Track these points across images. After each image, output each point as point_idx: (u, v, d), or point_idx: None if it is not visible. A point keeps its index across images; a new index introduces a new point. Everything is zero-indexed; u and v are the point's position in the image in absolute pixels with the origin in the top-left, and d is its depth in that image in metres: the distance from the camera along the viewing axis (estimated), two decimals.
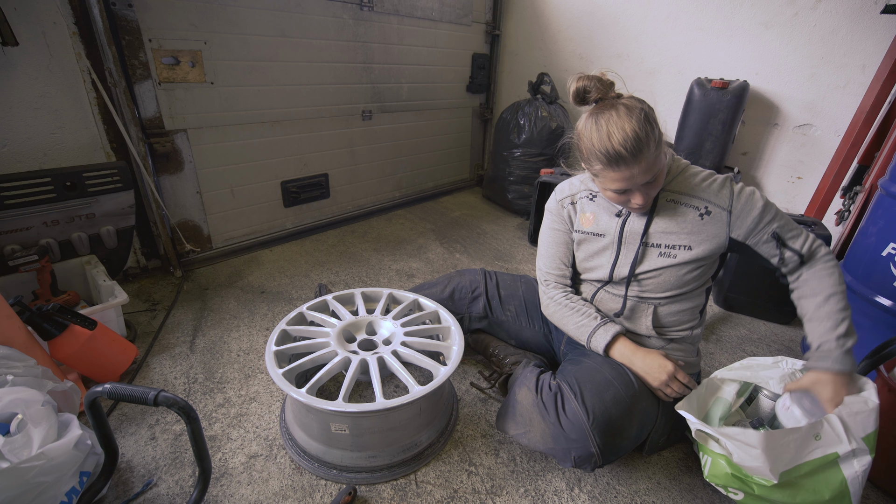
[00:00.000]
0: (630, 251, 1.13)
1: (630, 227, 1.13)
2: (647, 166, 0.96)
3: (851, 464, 0.94)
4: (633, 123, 0.92)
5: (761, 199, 1.06)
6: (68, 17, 1.60)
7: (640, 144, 0.92)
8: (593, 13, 2.85)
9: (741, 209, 1.05)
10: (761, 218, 1.04)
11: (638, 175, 0.97)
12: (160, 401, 0.86)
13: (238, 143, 2.20)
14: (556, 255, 1.27)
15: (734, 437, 0.98)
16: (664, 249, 1.10)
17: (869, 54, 2.03)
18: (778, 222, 1.05)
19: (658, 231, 1.10)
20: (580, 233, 1.22)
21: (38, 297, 1.56)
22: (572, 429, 1.02)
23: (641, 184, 0.99)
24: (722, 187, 1.07)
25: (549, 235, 1.28)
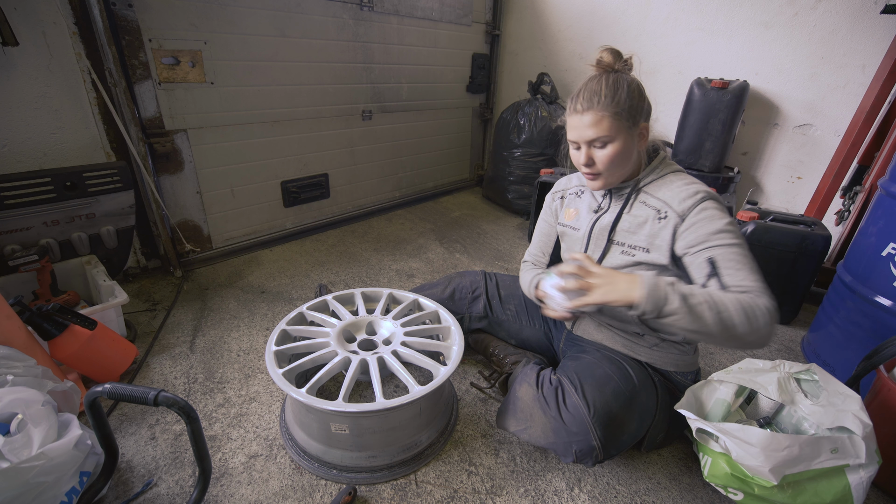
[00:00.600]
0: (598, 247, 1.16)
1: (601, 223, 1.15)
2: (595, 121, 0.99)
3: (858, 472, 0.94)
4: (603, 84, 1.00)
5: (726, 222, 0.96)
6: (68, 17, 1.60)
7: (595, 98, 0.99)
8: (593, 13, 2.85)
9: (694, 220, 0.98)
10: (710, 238, 0.95)
11: (584, 127, 1.01)
12: (160, 401, 0.86)
13: (238, 143, 2.20)
14: (538, 243, 1.40)
15: (733, 434, 0.98)
16: (626, 248, 1.10)
17: (869, 54, 2.03)
18: (726, 252, 0.93)
19: (623, 229, 1.11)
20: (561, 225, 1.29)
21: (38, 297, 1.56)
22: (573, 422, 1.03)
23: (587, 140, 1.02)
24: (690, 196, 1.00)
25: (540, 226, 1.40)
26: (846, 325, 1.55)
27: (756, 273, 0.93)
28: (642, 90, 1.04)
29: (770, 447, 0.93)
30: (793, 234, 1.80)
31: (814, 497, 0.95)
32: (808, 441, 0.93)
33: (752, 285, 0.91)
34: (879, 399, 1.17)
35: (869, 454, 0.93)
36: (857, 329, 1.50)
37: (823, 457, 0.94)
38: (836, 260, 2.14)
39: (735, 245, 0.94)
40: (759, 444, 0.93)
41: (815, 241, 1.78)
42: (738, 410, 1.21)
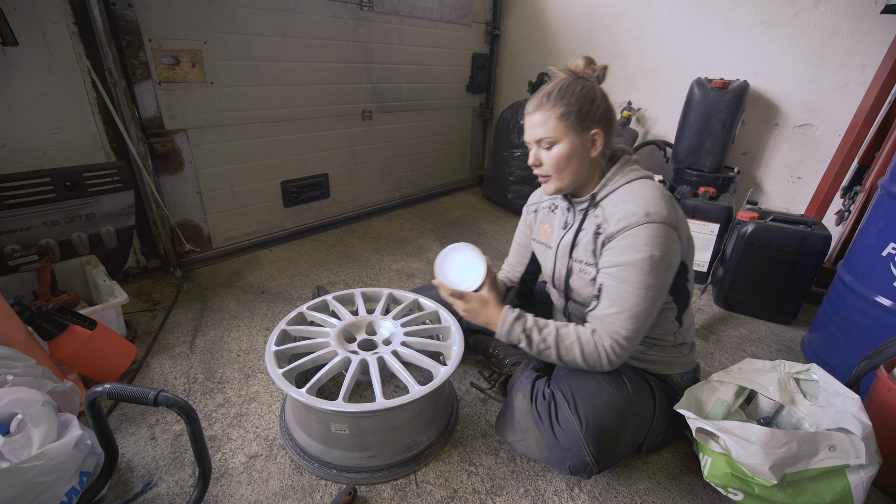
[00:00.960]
0: (563, 265, 1.15)
1: (564, 240, 1.13)
2: (542, 121, 1.01)
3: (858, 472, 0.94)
4: (556, 86, 1.01)
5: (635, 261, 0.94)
6: (68, 17, 1.60)
7: (544, 98, 1.01)
8: (593, 13, 2.85)
9: (612, 246, 0.98)
10: (615, 266, 0.97)
11: (532, 127, 1.04)
12: (160, 401, 0.86)
13: (238, 143, 2.20)
14: (514, 253, 1.43)
15: (733, 433, 0.98)
16: (583, 266, 1.09)
17: (869, 54, 2.03)
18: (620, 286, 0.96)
19: (580, 247, 1.09)
20: (535, 241, 1.28)
21: (38, 297, 1.56)
22: (566, 438, 1.02)
23: (535, 140, 1.04)
24: (625, 218, 0.96)
25: (516, 235, 1.43)
26: (846, 325, 1.55)
27: (630, 317, 0.96)
28: (597, 97, 1.02)
29: (769, 444, 0.93)
30: (793, 234, 1.80)
31: (814, 497, 0.95)
32: (806, 437, 0.93)
33: (611, 325, 0.98)
34: (879, 399, 1.17)
35: (869, 454, 0.93)
36: (857, 329, 1.50)
37: (822, 455, 0.94)
38: (836, 260, 2.14)
39: (630, 283, 0.95)
40: (759, 441, 0.93)
41: (816, 241, 1.78)
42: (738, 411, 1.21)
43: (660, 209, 0.95)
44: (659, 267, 0.94)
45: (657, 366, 1.17)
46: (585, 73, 1.04)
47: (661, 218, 0.94)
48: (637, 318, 0.96)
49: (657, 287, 0.95)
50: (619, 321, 0.97)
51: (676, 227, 0.96)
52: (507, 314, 1.08)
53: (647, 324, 0.98)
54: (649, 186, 1.01)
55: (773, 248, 1.84)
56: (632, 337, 0.98)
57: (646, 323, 0.98)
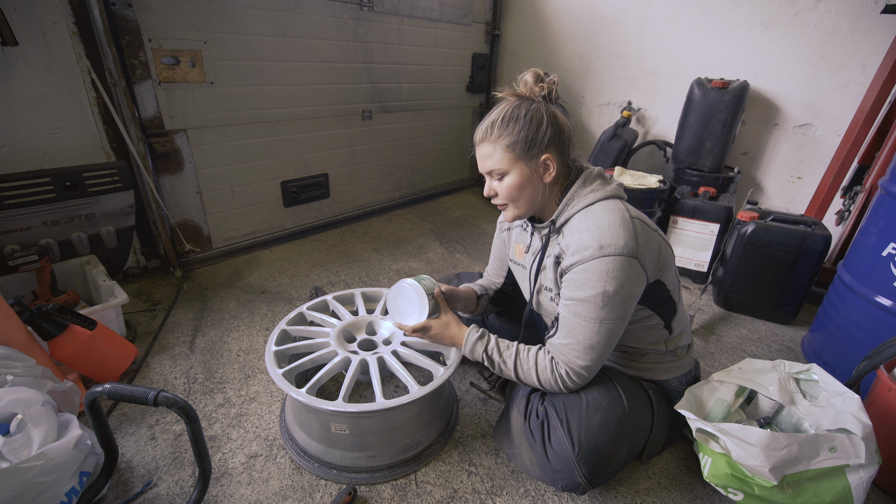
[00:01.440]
0: (534, 288, 1.13)
1: (534, 265, 1.10)
2: (489, 153, 0.98)
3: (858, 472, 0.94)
4: (500, 114, 0.96)
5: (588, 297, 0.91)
6: (68, 17, 1.60)
7: (489, 131, 0.97)
8: (593, 13, 2.85)
9: (568, 279, 0.95)
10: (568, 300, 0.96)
11: (481, 159, 1.01)
12: (160, 401, 0.86)
13: (238, 143, 2.20)
14: (493, 265, 1.41)
15: (733, 435, 0.98)
16: (546, 292, 1.08)
17: (869, 54, 2.03)
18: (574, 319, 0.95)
19: (543, 273, 1.07)
20: (511, 261, 1.26)
21: (38, 297, 1.56)
22: (557, 460, 1.01)
23: (486, 171, 1.01)
24: (580, 251, 0.92)
25: (494, 245, 1.39)
26: (846, 325, 1.55)
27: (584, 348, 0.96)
28: (544, 120, 0.94)
29: (770, 447, 0.93)
30: (793, 234, 1.80)
31: (814, 497, 0.95)
32: (806, 440, 0.93)
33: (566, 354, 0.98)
34: (879, 399, 1.17)
35: (869, 454, 0.93)
36: (858, 329, 1.50)
37: (822, 456, 0.94)
38: (836, 260, 2.14)
39: (584, 317, 0.93)
40: (759, 443, 0.93)
41: (816, 241, 1.78)
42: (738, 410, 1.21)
43: (615, 240, 0.89)
44: (613, 301, 0.90)
45: (653, 372, 1.14)
46: (533, 91, 0.97)
47: (617, 250, 0.88)
48: (592, 350, 0.95)
49: (612, 320, 0.93)
50: (574, 352, 0.97)
51: (636, 254, 0.90)
52: (471, 334, 1.11)
53: (605, 353, 0.97)
54: (607, 211, 0.93)
55: (773, 248, 1.84)
56: (588, 366, 0.98)
57: (603, 352, 0.97)
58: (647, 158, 2.87)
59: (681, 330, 1.14)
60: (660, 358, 1.14)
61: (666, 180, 2.33)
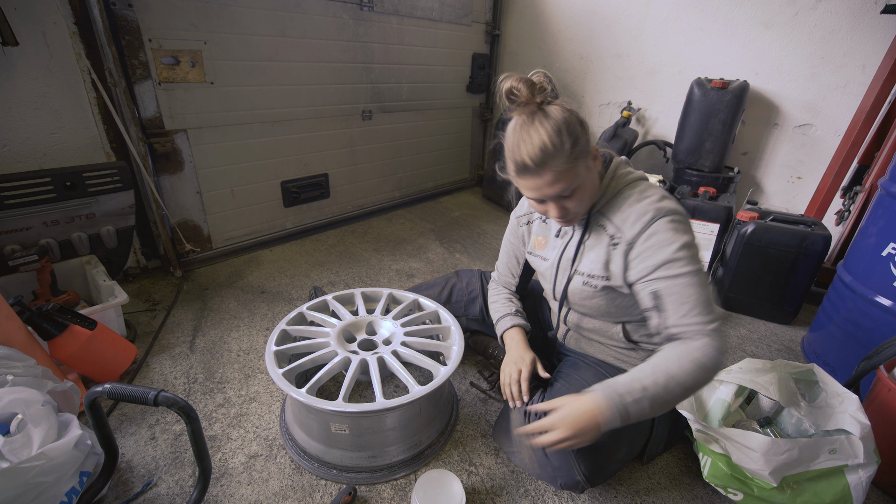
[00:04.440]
0: (563, 277, 1.11)
1: (566, 253, 1.09)
2: (555, 178, 0.89)
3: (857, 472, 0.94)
4: (543, 133, 0.87)
5: (675, 253, 0.89)
6: (68, 17, 1.60)
7: (545, 156, 0.87)
8: (593, 13, 2.85)
9: (641, 251, 0.93)
10: (657, 268, 0.91)
11: (545, 186, 0.91)
12: (160, 401, 0.86)
13: (238, 143, 2.20)
14: (507, 263, 1.35)
15: (735, 440, 0.98)
16: (586, 278, 1.05)
17: (869, 54, 2.03)
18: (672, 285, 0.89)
19: (584, 258, 1.05)
20: (531, 254, 1.23)
21: (38, 297, 1.56)
22: (556, 457, 1.01)
23: (551, 196, 0.93)
24: (638, 219, 0.94)
25: (505, 243, 1.34)
26: (846, 325, 1.55)
27: (702, 304, 0.88)
28: (575, 115, 0.91)
29: (770, 451, 0.93)
30: (793, 234, 1.80)
31: (813, 497, 0.95)
32: (807, 444, 0.94)
33: (694, 323, 0.87)
34: (879, 399, 1.17)
35: (867, 454, 0.93)
36: (858, 329, 1.50)
37: (822, 458, 0.94)
38: (836, 260, 2.14)
39: (682, 275, 0.88)
40: (760, 448, 0.93)
41: (816, 241, 1.78)
42: (738, 410, 1.21)
43: (667, 202, 0.94)
44: (693, 250, 0.90)
45: None
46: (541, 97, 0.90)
47: (673, 209, 0.93)
48: (707, 303, 0.88)
49: (701, 267, 0.90)
50: (697, 316, 0.88)
51: (686, 215, 0.95)
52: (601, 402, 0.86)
53: (714, 304, 0.90)
54: (649, 186, 0.99)
55: (773, 248, 1.84)
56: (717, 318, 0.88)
57: (713, 303, 0.89)
58: (647, 158, 2.87)
59: None
60: None
61: (666, 180, 2.33)
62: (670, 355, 0.88)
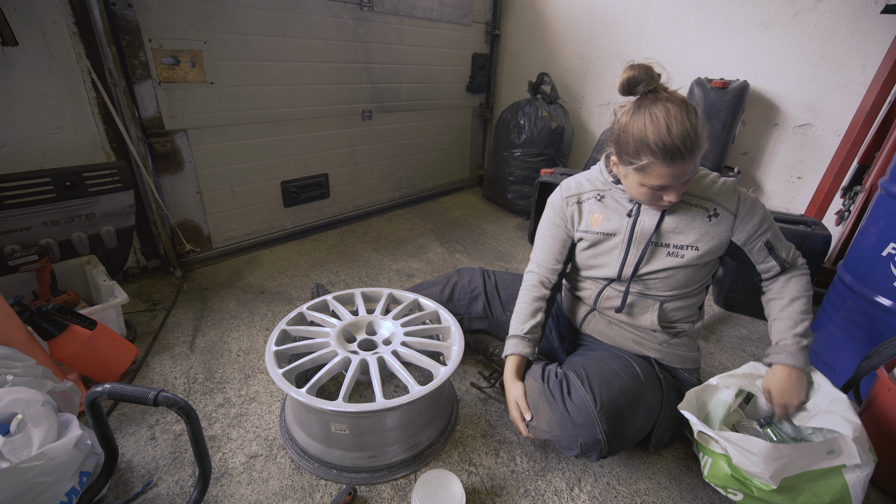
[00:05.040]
0: (638, 250, 1.13)
1: (641, 226, 1.11)
2: (697, 165, 0.95)
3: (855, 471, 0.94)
4: (692, 118, 0.90)
5: (762, 207, 1.10)
6: (68, 17, 1.60)
7: (697, 140, 0.90)
8: (593, 13, 2.85)
9: (745, 214, 1.08)
10: (760, 225, 1.08)
11: (688, 172, 0.94)
12: (160, 401, 0.86)
13: (238, 143, 2.20)
14: (551, 248, 1.25)
15: (735, 443, 0.98)
16: (672, 249, 1.10)
17: (869, 54, 2.03)
18: (772, 232, 1.11)
19: (668, 231, 1.09)
20: (589, 233, 1.18)
21: (38, 297, 1.56)
22: (579, 413, 1.03)
23: (683, 180, 0.96)
24: (731, 191, 1.09)
25: (548, 230, 1.25)
26: (846, 325, 1.55)
27: (783, 239, 1.13)
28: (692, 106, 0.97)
29: (770, 456, 0.93)
30: (793, 234, 1.80)
31: (813, 498, 0.95)
32: (806, 447, 0.95)
33: (794, 253, 1.15)
34: (879, 399, 1.17)
35: (863, 453, 0.93)
36: (858, 329, 1.50)
37: (821, 459, 0.95)
38: (836, 260, 2.14)
39: (772, 222, 1.10)
40: (761, 453, 0.94)
41: (816, 241, 1.78)
42: (737, 410, 1.21)
43: (729, 179, 1.11)
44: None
45: (671, 358, 1.21)
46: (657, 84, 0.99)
47: (735, 182, 1.11)
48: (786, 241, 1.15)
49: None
50: (793, 250, 1.15)
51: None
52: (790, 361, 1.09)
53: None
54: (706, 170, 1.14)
55: None
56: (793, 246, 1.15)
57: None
58: None
59: (702, 318, 1.26)
60: (680, 345, 1.21)
61: None
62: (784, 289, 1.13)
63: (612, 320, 1.23)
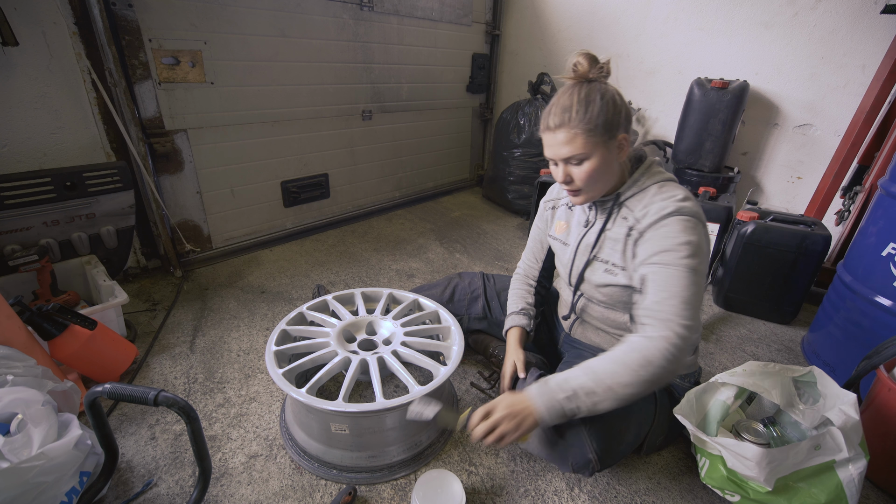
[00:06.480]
0: (581, 262, 1.13)
1: (586, 239, 1.11)
2: (568, 139, 0.95)
3: (847, 468, 0.95)
4: (574, 98, 0.94)
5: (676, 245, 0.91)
6: (68, 17, 1.60)
7: (566, 114, 0.94)
8: (593, 13, 2.85)
9: (648, 238, 0.96)
10: (652, 255, 0.94)
11: (556, 145, 0.97)
12: (160, 401, 0.86)
13: (238, 143, 2.20)
14: (531, 249, 1.38)
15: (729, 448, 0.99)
16: (609, 266, 1.07)
17: (869, 54, 2.03)
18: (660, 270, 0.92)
19: (606, 246, 1.07)
20: (552, 238, 1.26)
21: (38, 297, 1.56)
22: (569, 434, 1.01)
23: (562, 157, 0.98)
24: (658, 212, 0.96)
25: (532, 230, 1.38)
26: (846, 325, 1.55)
27: (684, 302, 0.89)
28: (618, 99, 0.96)
29: (763, 460, 0.94)
30: (793, 234, 1.80)
31: (809, 498, 0.96)
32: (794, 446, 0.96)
33: (666, 312, 0.89)
34: (880, 399, 1.17)
35: (851, 446, 0.94)
36: (857, 329, 1.50)
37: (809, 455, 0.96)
38: (836, 260, 2.14)
39: (676, 266, 0.90)
40: (754, 458, 0.95)
41: (816, 241, 1.78)
42: (738, 411, 1.21)
43: (692, 205, 0.96)
44: (698, 253, 0.92)
45: None
46: (594, 73, 0.96)
47: (693, 212, 0.95)
48: (688, 305, 0.89)
49: (699, 273, 0.91)
50: (671, 307, 0.89)
51: (705, 222, 0.98)
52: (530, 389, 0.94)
53: (697, 313, 0.91)
54: (677, 187, 1.01)
55: (772, 248, 1.84)
56: (689, 326, 0.88)
57: (696, 313, 0.90)
58: None
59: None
60: None
61: None
62: (618, 355, 0.90)
63: (598, 326, 1.22)
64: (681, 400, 1.13)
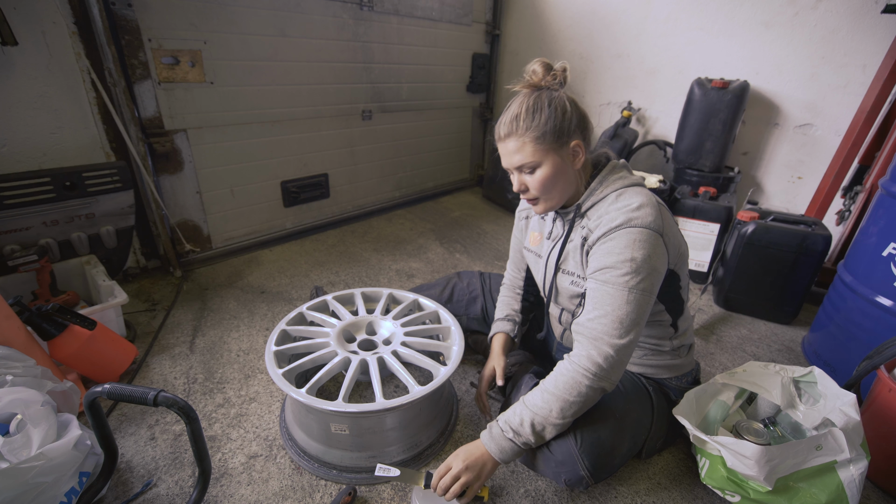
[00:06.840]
0: (550, 274, 1.13)
1: (553, 252, 1.11)
2: (518, 147, 0.95)
3: (848, 468, 0.94)
4: (523, 106, 0.95)
5: (618, 263, 0.90)
6: (68, 16, 1.60)
7: (514, 124, 0.95)
8: (594, 13, 2.85)
9: (595, 251, 0.96)
10: (595, 272, 0.94)
11: (507, 154, 0.98)
12: (160, 401, 0.86)
13: (238, 143, 2.19)
14: (512, 259, 1.39)
15: (728, 447, 0.99)
16: (574, 278, 1.06)
17: (869, 54, 2.03)
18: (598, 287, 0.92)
19: (570, 258, 1.06)
20: (526, 249, 1.26)
21: (38, 297, 1.56)
22: (560, 451, 0.99)
23: (515, 166, 0.98)
24: (609, 223, 0.93)
25: (512, 240, 1.38)
26: (847, 325, 1.54)
27: (616, 320, 0.89)
28: (569, 106, 0.95)
29: (762, 458, 0.94)
30: (793, 234, 1.80)
31: (809, 498, 0.95)
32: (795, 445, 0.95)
33: (597, 330, 0.90)
34: (880, 399, 1.17)
35: (852, 447, 0.93)
36: (858, 329, 1.50)
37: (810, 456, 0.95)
38: (836, 260, 2.14)
39: (612, 285, 0.90)
40: (753, 456, 0.94)
41: (816, 241, 1.78)
42: (738, 411, 1.21)
43: (644, 215, 0.91)
44: (641, 269, 0.89)
45: (655, 370, 1.16)
46: (547, 81, 0.97)
47: (644, 223, 0.90)
48: (622, 324, 0.89)
49: (640, 290, 0.90)
50: (603, 326, 0.90)
51: (662, 232, 0.92)
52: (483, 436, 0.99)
53: (634, 332, 0.90)
54: (636, 194, 0.96)
55: (773, 248, 1.84)
56: (619, 346, 0.89)
57: (633, 330, 0.90)
58: (647, 158, 2.87)
59: (685, 329, 1.15)
60: (663, 357, 1.15)
61: (666, 180, 2.33)
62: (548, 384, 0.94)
63: None
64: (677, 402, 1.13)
